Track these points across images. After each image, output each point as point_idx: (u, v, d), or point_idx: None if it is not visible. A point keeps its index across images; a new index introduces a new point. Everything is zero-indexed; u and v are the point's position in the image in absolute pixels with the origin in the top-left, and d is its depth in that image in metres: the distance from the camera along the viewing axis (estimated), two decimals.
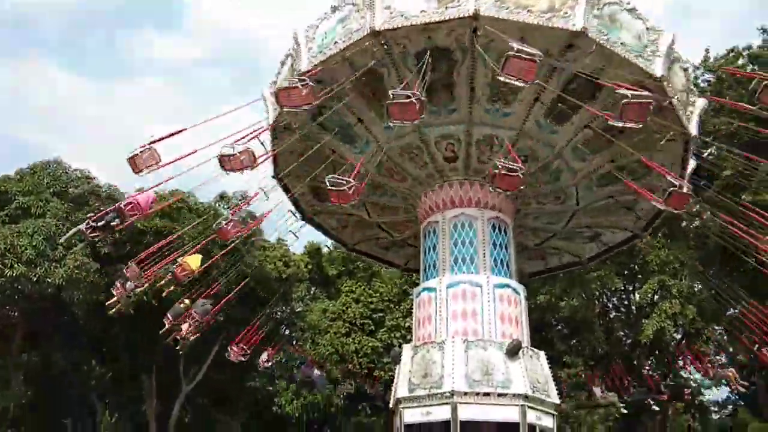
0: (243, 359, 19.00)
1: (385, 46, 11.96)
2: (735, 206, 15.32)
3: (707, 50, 27.89)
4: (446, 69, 12.46)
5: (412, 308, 16.71)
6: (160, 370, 29.59)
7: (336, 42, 12.33)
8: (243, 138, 12.17)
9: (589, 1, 11.17)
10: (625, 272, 32.08)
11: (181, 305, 15.81)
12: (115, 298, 14.30)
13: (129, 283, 14.02)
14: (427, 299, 14.92)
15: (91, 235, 12.31)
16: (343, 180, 11.61)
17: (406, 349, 14.79)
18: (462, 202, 15.20)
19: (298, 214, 17.81)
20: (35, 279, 21.95)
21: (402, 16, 11.52)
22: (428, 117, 13.55)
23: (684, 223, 25.67)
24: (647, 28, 12.05)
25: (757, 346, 19.19)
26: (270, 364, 21.08)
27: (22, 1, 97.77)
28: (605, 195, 15.95)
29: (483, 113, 13.47)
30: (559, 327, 35.28)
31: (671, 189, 11.41)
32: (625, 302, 34.27)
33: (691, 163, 14.62)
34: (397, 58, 12.16)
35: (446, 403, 12.94)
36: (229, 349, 18.76)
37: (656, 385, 26.94)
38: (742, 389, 15.55)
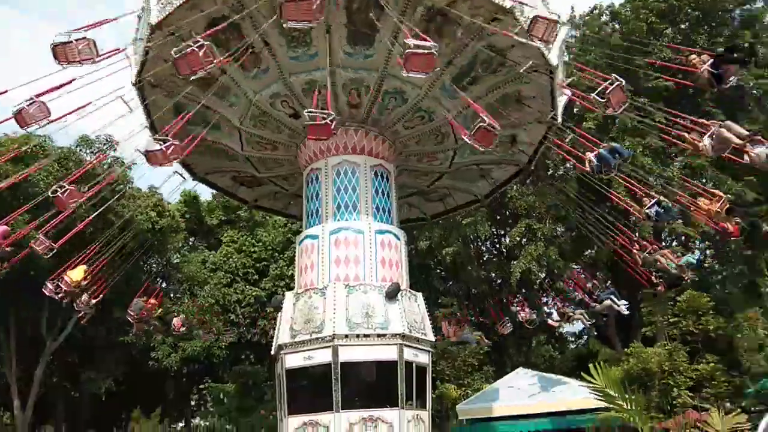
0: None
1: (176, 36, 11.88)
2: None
3: (572, 8, 29.68)
4: (237, 35, 12.37)
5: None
6: (20, 328, 27.31)
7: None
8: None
9: None
10: (498, 217, 34.09)
11: (140, 301, 18.10)
12: (81, 313, 16.70)
13: (84, 296, 16.07)
14: (310, 246, 14.89)
15: None
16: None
17: (288, 297, 14.78)
18: (345, 149, 15.12)
19: (189, 176, 17.62)
20: None
21: (170, 4, 11.53)
22: (252, 83, 13.83)
23: (550, 171, 27.64)
24: None
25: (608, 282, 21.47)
26: (183, 328, 20.10)
27: None
28: (472, 162, 16.86)
29: (290, 62, 13.43)
30: (438, 270, 37.05)
31: (479, 124, 11.28)
32: (497, 245, 36.60)
33: (563, 99, 14.93)
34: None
35: (327, 347, 13.17)
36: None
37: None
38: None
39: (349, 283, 13.90)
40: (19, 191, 20.89)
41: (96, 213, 17.21)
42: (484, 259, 36.58)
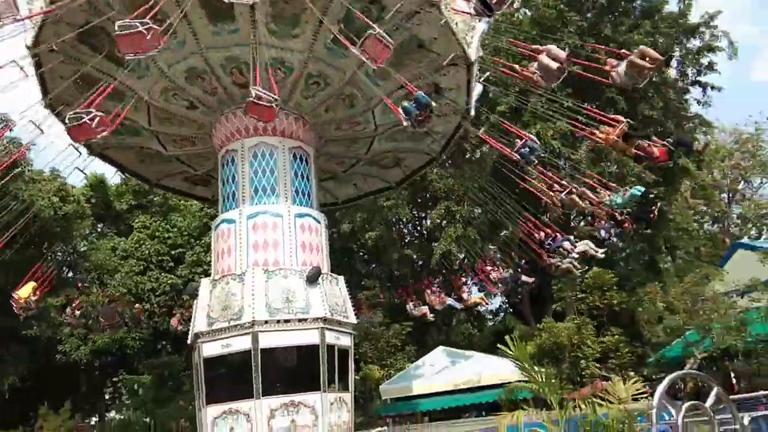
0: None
1: None
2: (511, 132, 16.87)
3: None
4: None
5: None
6: None
7: None
8: None
9: None
10: (419, 200, 34.59)
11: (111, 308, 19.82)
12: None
13: (68, 309, 18.90)
14: (227, 231, 14.47)
15: None
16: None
17: (205, 283, 14.34)
18: (261, 130, 14.70)
19: (85, 149, 16.32)
20: None
21: None
22: (211, 38, 12.86)
23: (468, 155, 28.26)
24: None
25: (524, 260, 22.31)
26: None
27: None
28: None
29: (268, 35, 12.80)
30: (361, 253, 37.21)
31: (249, 99, 11.07)
32: (418, 228, 37.20)
33: (478, 88, 15.38)
34: None
35: (246, 333, 12.93)
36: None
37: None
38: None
39: (268, 268, 13.65)
40: None
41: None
42: (406, 241, 37.11)
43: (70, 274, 31.98)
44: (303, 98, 14.78)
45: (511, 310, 37.51)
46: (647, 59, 10.34)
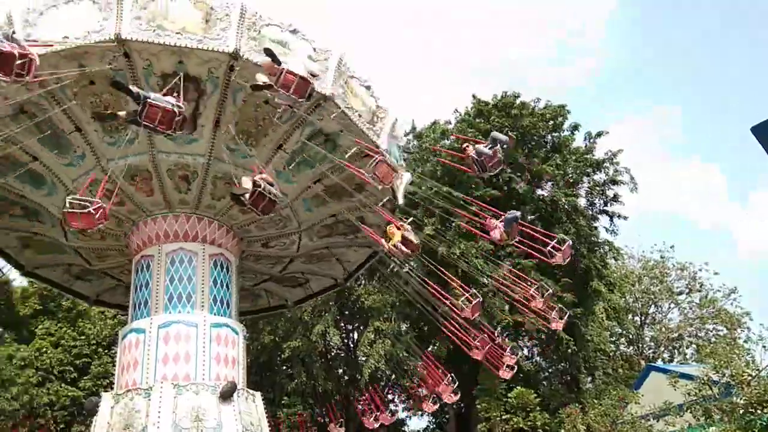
0: None
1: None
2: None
3: (413, 121, 32.79)
4: (195, 97, 12.02)
5: None
6: None
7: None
8: None
9: None
10: (346, 312, 34.11)
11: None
12: None
13: None
14: (135, 341, 13.61)
15: None
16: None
17: (106, 399, 13.22)
18: (183, 236, 14.45)
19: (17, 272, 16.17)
20: None
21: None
22: (164, 143, 12.93)
23: (396, 269, 28.59)
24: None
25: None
26: None
27: None
28: (322, 246, 17.04)
29: (225, 150, 13.16)
30: (285, 367, 35.64)
31: (64, 210, 10.75)
32: (346, 341, 36.30)
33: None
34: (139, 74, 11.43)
35: None
36: None
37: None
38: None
39: (178, 383, 12.77)
40: None
41: None
42: (332, 354, 36.03)
43: None
44: (213, 200, 14.47)
45: (438, 430, 36.40)
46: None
